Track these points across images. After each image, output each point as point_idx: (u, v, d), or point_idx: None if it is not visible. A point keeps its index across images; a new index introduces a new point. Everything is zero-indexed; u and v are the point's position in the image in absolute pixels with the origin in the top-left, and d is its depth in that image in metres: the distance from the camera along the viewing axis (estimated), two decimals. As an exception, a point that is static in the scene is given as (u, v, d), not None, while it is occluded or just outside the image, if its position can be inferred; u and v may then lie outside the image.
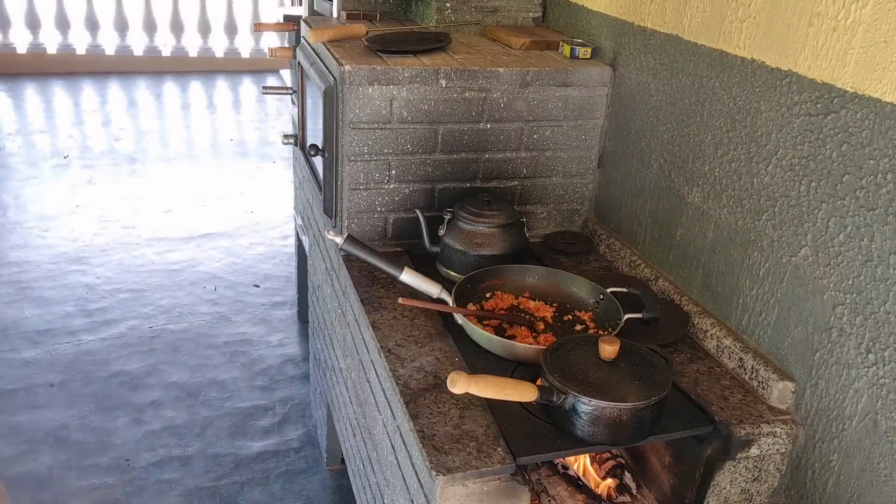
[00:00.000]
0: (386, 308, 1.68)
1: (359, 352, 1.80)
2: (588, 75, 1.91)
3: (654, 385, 1.27)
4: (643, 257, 1.87)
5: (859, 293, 1.26)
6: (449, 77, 1.80)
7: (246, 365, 3.24)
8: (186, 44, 7.62)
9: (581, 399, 1.24)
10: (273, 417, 2.92)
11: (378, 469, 1.69)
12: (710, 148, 1.60)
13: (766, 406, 1.43)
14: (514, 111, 1.90)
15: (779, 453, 1.41)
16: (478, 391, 1.22)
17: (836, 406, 1.32)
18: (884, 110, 1.17)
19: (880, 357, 1.23)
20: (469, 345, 1.55)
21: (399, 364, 1.48)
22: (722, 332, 1.57)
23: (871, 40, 1.18)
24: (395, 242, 1.96)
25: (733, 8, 1.49)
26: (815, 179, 1.33)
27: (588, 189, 2.07)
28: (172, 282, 3.84)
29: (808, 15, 1.31)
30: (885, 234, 1.20)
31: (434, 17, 2.20)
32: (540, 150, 1.98)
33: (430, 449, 1.25)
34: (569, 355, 1.33)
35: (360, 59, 1.81)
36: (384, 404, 1.54)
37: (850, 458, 1.30)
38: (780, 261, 1.43)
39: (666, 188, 1.77)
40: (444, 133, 1.87)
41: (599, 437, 1.27)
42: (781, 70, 1.38)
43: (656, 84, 1.77)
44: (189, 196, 4.81)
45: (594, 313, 1.67)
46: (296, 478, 2.62)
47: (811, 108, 1.32)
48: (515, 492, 1.26)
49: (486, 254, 1.78)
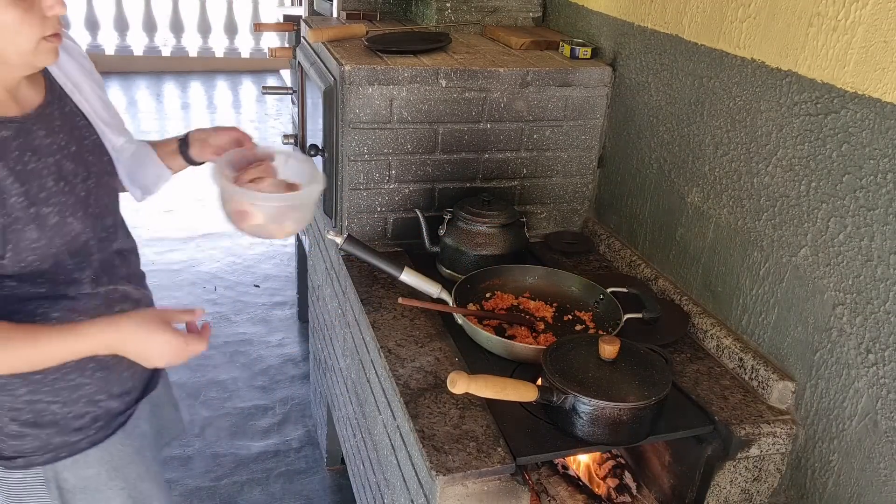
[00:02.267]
0: (386, 308, 1.68)
1: (359, 352, 1.80)
2: (588, 75, 1.91)
3: (654, 385, 1.27)
4: (643, 257, 1.87)
5: (859, 293, 1.26)
6: (449, 77, 1.80)
7: (246, 365, 3.24)
8: (186, 44, 7.63)
9: (581, 399, 1.24)
10: (273, 417, 2.92)
11: (378, 469, 1.69)
12: (710, 148, 1.60)
13: (765, 406, 1.43)
14: (514, 111, 1.90)
15: (779, 453, 1.41)
16: (478, 391, 1.22)
17: (836, 406, 1.32)
18: (884, 110, 1.17)
19: (880, 357, 1.23)
20: (469, 345, 1.55)
21: (399, 364, 1.48)
22: (722, 332, 1.57)
23: (871, 40, 1.18)
24: (395, 242, 1.96)
25: (733, 8, 1.49)
26: (815, 179, 1.33)
27: (588, 189, 2.07)
28: (172, 282, 3.84)
29: (808, 15, 1.31)
30: (886, 234, 1.20)
31: (434, 17, 2.20)
32: (540, 150, 1.98)
33: (430, 449, 1.25)
34: (569, 355, 1.33)
35: (360, 59, 1.81)
36: (384, 404, 1.54)
37: (850, 458, 1.30)
38: (780, 261, 1.43)
39: (666, 188, 1.77)
40: (444, 133, 1.87)
41: (599, 437, 1.27)
42: (781, 70, 1.38)
43: (656, 84, 1.77)
44: (189, 196, 4.82)
45: (594, 313, 1.67)
46: (296, 478, 2.62)
47: (811, 108, 1.32)
48: (515, 492, 1.26)
49: (486, 254, 1.78)
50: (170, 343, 1.16)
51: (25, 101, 1.18)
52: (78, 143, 1.25)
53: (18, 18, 1.05)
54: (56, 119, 1.22)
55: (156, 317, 1.16)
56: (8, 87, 1.15)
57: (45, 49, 1.11)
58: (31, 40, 1.08)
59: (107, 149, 1.32)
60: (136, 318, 1.16)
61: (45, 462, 1.29)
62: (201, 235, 4.35)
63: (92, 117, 1.30)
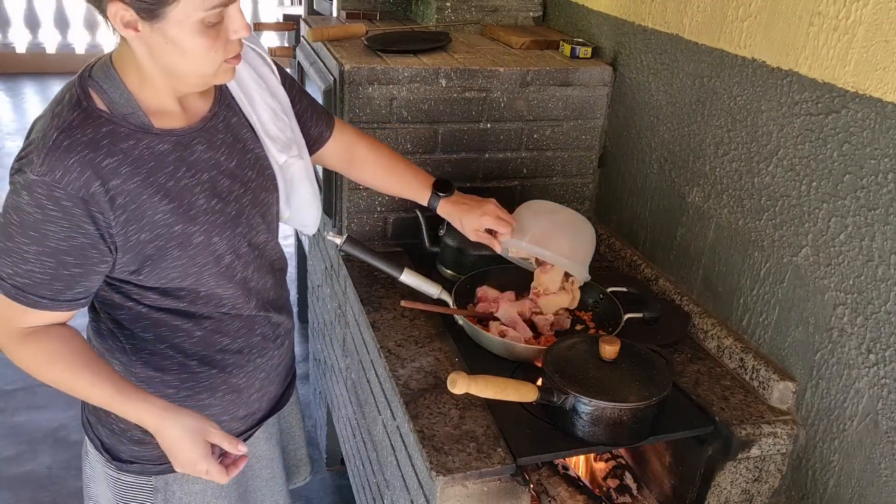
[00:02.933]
0: (386, 308, 1.68)
1: (358, 352, 1.80)
2: (588, 75, 1.91)
3: (655, 385, 1.27)
4: (643, 257, 1.87)
5: (860, 293, 1.26)
6: (449, 77, 1.80)
7: (246, 365, 3.23)
8: (186, 43, 7.61)
9: (581, 399, 1.23)
10: (273, 417, 2.92)
11: (378, 469, 1.68)
12: (711, 148, 1.60)
13: (766, 406, 1.43)
14: (515, 111, 1.90)
15: (779, 454, 1.41)
16: (478, 391, 1.22)
17: (837, 406, 1.32)
18: (885, 110, 1.17)
19: (881, 357, 1.22)
20: (469, 345, 1.55)
21: (399, 364, 1.48)
22: (722, 333, 1.56)
23: (872, 40, 1.18)
24: (394, 242, 1.96)
25: (734, 7, 1.49)
26: (816, 179, 1.33)
27: (588, 189, 2.07)
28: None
29: (809, 14, 1.30)
30: (886, 234, 1.20)
31: (434, 17, 2.19)
32: (540, 150, 1.97)
33: (430, 449, 1.25)
34: (569, 355, 1.33)
35: (360, 58, 1.81)
36: (384, 405, 1.54)
37: (851, 459, 1.29)
38: (781, 261, 1.43)
39: (666, 188, 1.76)
40: (444, 133, 1.87)
41: (600, 438, 1.27)
42: (782, 70, 1.38)
43: (657, 83, 1.77)
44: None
45: (594, 313, 1.66)
46: (296, 478, 2.62)
47: (812, 108, 1.32)
48: (515, 492, 1.26)
49: (486, 254, 1.77)
50: (194, 464, 1.12)
51: (192, 110, 1.15)
52: (239, 157, 1.20)
53: (207, 45, 1.01)
54: (220, 132, 1.18)
55: (201, 431, 1.12)
56: (177, 98, 1.12)
57: (225, 70, 1.08)
58: (214, 65, 1.05)
59: (270, 163, 1.26)
60: (183, 421, 1.11)
61: (159, 472, 1.29)
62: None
63: (258, 129, 1.25)
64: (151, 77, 1.06)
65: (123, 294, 1.17)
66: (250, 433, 1.39)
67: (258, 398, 1.36)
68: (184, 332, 1.21)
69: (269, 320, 1.32)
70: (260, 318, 1.30)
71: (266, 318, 1.31)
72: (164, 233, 1.09)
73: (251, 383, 1.32)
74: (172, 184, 1.10)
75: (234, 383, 1.29)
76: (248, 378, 1.31)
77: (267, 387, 1.37)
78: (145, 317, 1.19)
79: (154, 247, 1.09)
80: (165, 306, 1.18)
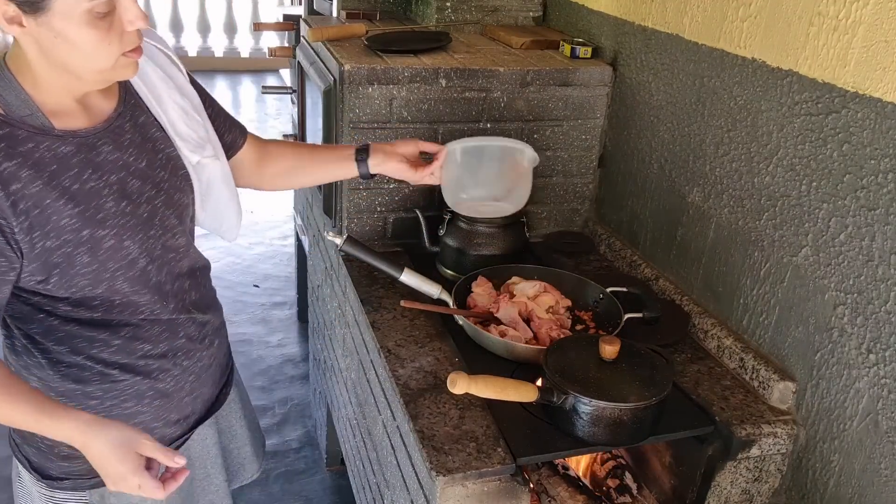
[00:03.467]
0: (386, 308, 1.68)
1: (358, 352, 1.79)
2: (588, 75, 1.91)
3: (655, 385, 1.27)
4: (644, 257, 1.87)
5: (860, 293, 1.26)
6: (449, 77, 1.80)
7: (245, 365, 3.24)
8: (186, 43, 7.62)
9: (581, 399, 1.23)
10: (272, 418, 2.92)
11: (378, 469, 1.68)
12: (711, 147, 1.60)
13: (766, 406, 1.43)
14: (515, 111, 1.89)
15: (779, 454, 1.41)
16: (478, 391, 1.22)
17: (837, 406, 1.32)
18: (885, 110, 1.17)
19: (881, 357, 1.22)
20: (469, 345, 1.55)
21: (399, 364, 1.48)
22: (723, 333, 1.56)
23: (872, 40, 1.18)
24: (394, 242, 1.96)
25: (734, 7, 1.49)
26: (816, 179, 1.33)
27: (588, 189, 2.07)
28: (172, 282, 3.83)
29: (809, 14, 1.30)
30: (886, 234, 1.20)
31: (434, 17, 2.19)
32: (540, 150, 1.97)
33: (429, 449, 1.25)
34: (569, 355, 1.33)
35: (360, 58, 1.80)
36: (384, 404, 1.54)
37: (851, 459, 1.29)
38: (781, 261, 1.43)
39: (667, 188, 1.76)
40: (444, 133, 1.87)
41: (600, 438, 1.27)
42: (782, 70, 1.38)
43: (657, 84, 1.77)
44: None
45: (594, 313, 1.66)
46: (295, 478, 2.62)
47: (812, 108, 1.32)
48: (515, 492, 1.26)
49: (486, 254, 1.78)
50: (125, 479, 1.06)
51: (95, 110, 1.10)
52: (149, 157, 1.16)
53: (97, 38, 0.96)
54: (127, 132, 1.13)
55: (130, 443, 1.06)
56: (78, 97, 1.07)
57: (125, 64, 1.03)
58: (111, 58, 1.00)
59: (184, 163, 1.22)
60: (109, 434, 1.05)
61: (92, 486, 1.26)
62: (200, 235, 4.33)
63: (168, 129, 1.20)
64: (47, 76, 1.01)
65: (33, 306, 1.12)
66: (186, 437, 1.35)
67: (190, 401, 1.32)
68: (100, 342, 1.17)
69: (193, 321, 1.28)
70: (182, 320, 1.26)
71: (190, 320, 1.27)
72: (72, 238, 1.05)
73: (181, 386, 1.27)
74: (78, 187, 1.05)
75: (162, 388, 1.25)
76: (177, 382, 1.27)
77: (199, 388, 1.32)
78: (58, 329, 1.14)
79: (62, 254, 1.05)
80: (78, 317, 1.13)
